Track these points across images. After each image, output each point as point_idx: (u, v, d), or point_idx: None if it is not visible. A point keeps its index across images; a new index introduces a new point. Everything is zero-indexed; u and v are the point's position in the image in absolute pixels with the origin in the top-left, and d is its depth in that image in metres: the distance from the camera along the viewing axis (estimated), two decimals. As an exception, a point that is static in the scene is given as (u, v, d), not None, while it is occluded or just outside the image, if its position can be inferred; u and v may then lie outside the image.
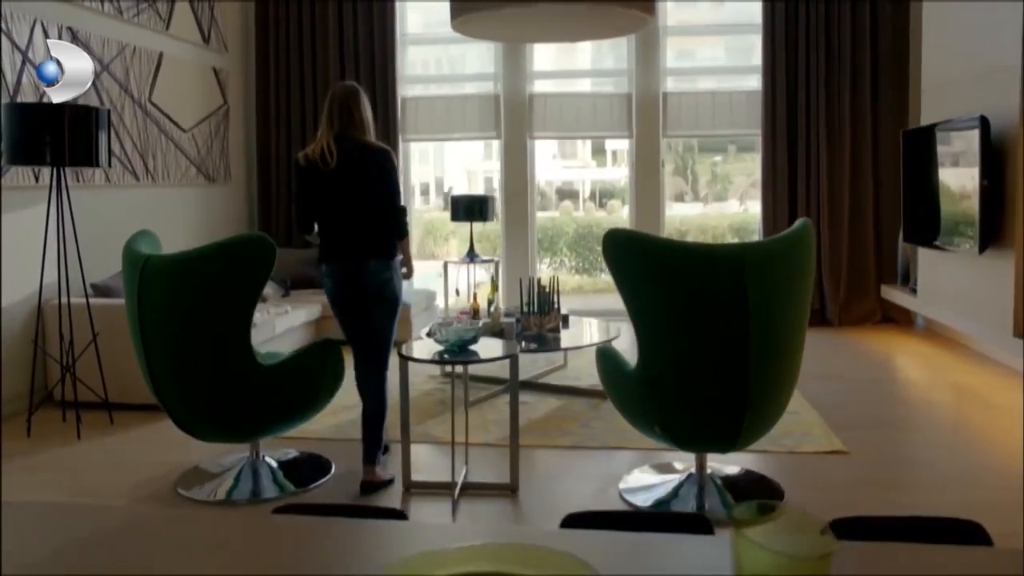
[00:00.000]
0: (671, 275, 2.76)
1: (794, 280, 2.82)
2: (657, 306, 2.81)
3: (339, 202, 3.29)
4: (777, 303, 2.77)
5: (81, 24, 4.98)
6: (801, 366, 3.08)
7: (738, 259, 2.73)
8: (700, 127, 6.99)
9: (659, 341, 2.85)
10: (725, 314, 2.73)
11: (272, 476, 3.44)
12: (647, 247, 2.78)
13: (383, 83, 7.01)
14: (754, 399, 2.84)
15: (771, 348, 2.79)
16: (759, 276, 2.72)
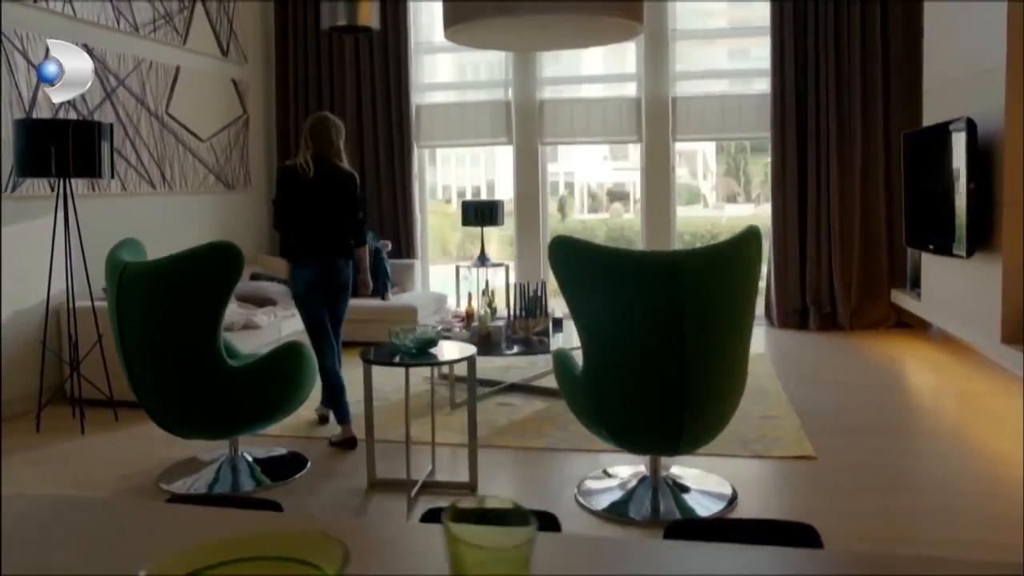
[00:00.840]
0: (609, 281, 2.83)
1: (733, 287, 2.86)
2: (596, 311, 2.88)
3: (313, 209, 3.93)
4: (713, 309, 2.82)
5: (97, 41, 5.25)
6: (747, 371, 3.12)
7: (671, 266, 2.79)
8: (709, 130, 6.99)
9: (599, 345, 2.93)
10: (660, 320, 2.80)
11: (250, 471, 3.62)
12: (586, 253, 2.85)
13: (397, 91, 7.18)
14: (691, 403, 2.89)
15: (707, 353, 2.84)
16: (692, 283, 2.77)
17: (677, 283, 2.76)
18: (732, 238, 2.95)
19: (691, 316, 2.79)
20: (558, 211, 10.32)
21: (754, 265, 2.97)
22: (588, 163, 9.39)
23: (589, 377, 2.99)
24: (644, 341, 2.84)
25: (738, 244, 2.91)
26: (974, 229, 4.34)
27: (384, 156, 7.28)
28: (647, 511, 3.21)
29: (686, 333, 2.80)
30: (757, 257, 2.97)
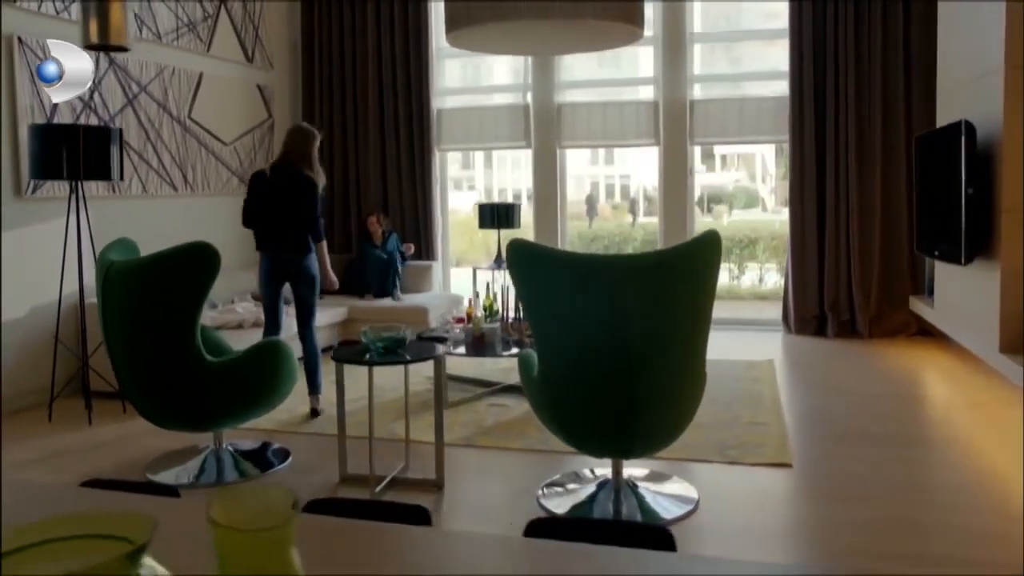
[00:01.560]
0: (558, 284, 2.87)
1: (684, 292, 2.87)
2: (548, 314, 2.92)
3: (270, 208, 4.44)
4: (661, 314, 2.83)
5: (119, 50, 5.48)
6: (703, 377, 3.11)
7: (618, 270, 2.81)
8: (727, 134, 6.93)
9: (552, 348, 2.96)
10: (607, 323, 2.82)
11: (234, 463, 3.75)
12: (538, 257, 2.89)
13: (418, 95, 7.30)
14: (639, 408, 2.90)
15: (654, 358, 2.86)
16: (639, 287, 2.79)
17: (623, 287, 2.78)
18: (686, 243, 2.95)
19: (638, 320, 2.81)
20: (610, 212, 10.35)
21: (710, 270, 2.96)
22: (645, 166, 9.40)
23: (543, 379, 3.03)
24: (592, 344, 2.87)
25: (690, 249, 2.92)
26: (972, 235, 4.23)
27: (405, 159, 7.40)
28: (608, 514, 3.23)
29: (632, 337, 2.82)
30: (714, 262, 2.97)
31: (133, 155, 5.63)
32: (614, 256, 2.84)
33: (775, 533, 3.04)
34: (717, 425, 4.22)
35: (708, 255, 2.94)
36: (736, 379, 5.21)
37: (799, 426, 4.23)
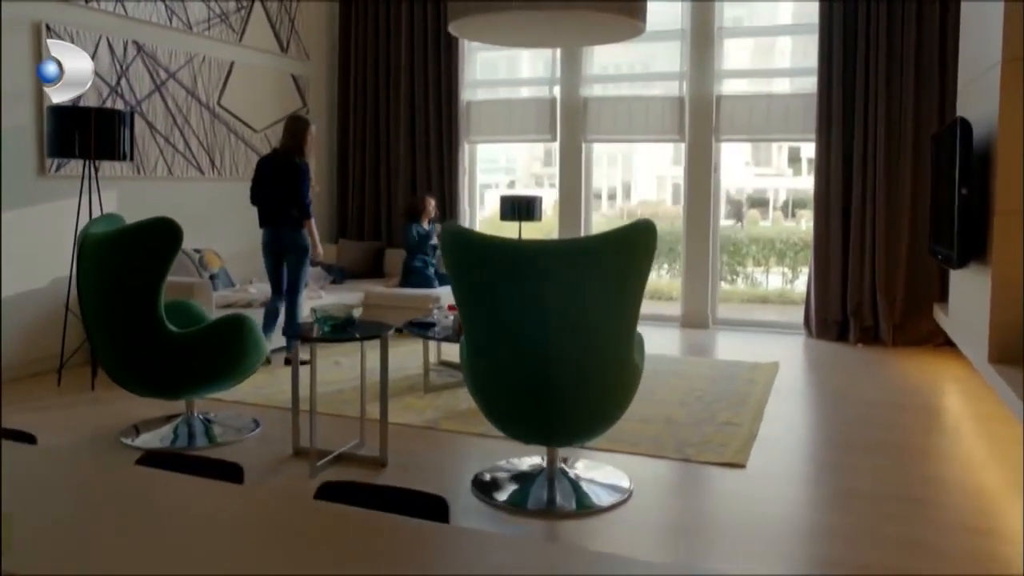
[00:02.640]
0: (481, 269, 2.90)
1: (605, 281, 2.85)
2: (473, 299, 2.95)
3: (267, 189, 5.13)
4: (582, 301, 2.82)
5: (148, 38, 5.76)
6: (635, 368, 3.08)
7: (535, 256, 2.81)
8: (754, 131, 6.77)
9: (477, 334, 2.99)
10: (525, 310, 2.83)
11: (205, 430, 3.92)
12: (465, 242, 2.92)
13: (448, 87, 7.40)
14: (557, 395, 2.91)
15: (572, 346, 2.85)
16: (560, 274, 2.79)
17: (541, 273, 2.79)
18: (612, 231, 2.93)
19: (555, 307, 2.81)
20: None
21: (639, 258, 2.93)
22: (729, 167, 9.55)
23: (470, 365, 3.07)
24: (512, 331, 2.89)
25: (615, 237, 2.90)
26: (966, 238, 4.03)
27: (434, 150, 7.51)
28: (543, 502, 3.23)
29: (550, 324, 2.82)
30: (643, 251, 2.94)
31: (159, 139, 5.90)
32: (534, 241, 2.84)
33: (687, 530, 2.99)
34: (689, 423, 4.16)
35: (635, 245, 2.92)
36: (731, 379, 5.10)
37: (776, 430, 4.12)
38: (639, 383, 3.21)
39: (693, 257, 7.04)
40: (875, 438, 4.02)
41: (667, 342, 6.47)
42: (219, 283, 5.90)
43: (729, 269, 9.69)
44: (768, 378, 5.17)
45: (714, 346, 6.42)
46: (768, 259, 9.90)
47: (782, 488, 3.38)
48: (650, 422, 4.16)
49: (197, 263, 5.82)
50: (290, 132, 5.15)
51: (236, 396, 4.53)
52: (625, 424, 4.08)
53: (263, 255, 5.27)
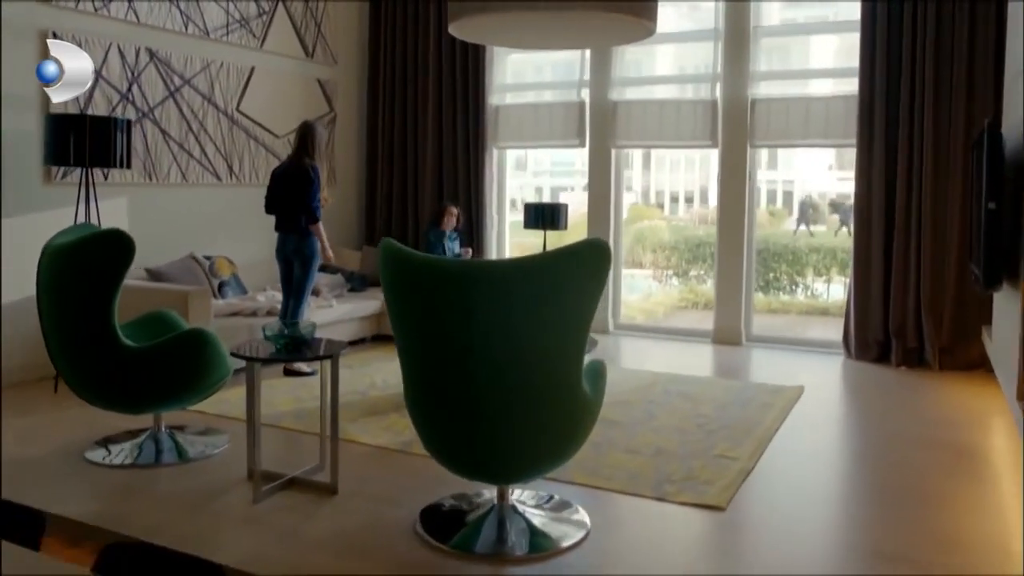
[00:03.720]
0: (411, 289, 2.68)
1: (548, 305, 2.60)
2: (405, 322, 2.74)
3: (278, 195, 5.23)
4: (515, 330, 2.57)
5: (161, 45, 5.75)
6: (582, 401, 2.81)
7: (467, 276, 2.58)
8: (791, 136, 6.34)
9: (410, 361, 2.78)
10: (455, 337, 2.61)
11: (173, 445, 3.82)
12: (397, 258, 2.70)
13: (475, 91, 7.21)
14: (491, 430, 2.66)
15: (506, 377, 2.60)
16: (493, 297, 2.55)
17: (470, 297, 2.56)
18: (553, 252, 2.68)
19: (486, 334, 2.57)
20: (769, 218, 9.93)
21: (586, 281, 2.67)
22: (811, 172, 9.13)
23: (406, 393, 2.85)
24: (442, 358, 2.67)
25: (557, 258, 2.64)
26: (993, 256, 3.59)
27: (461, 157, 7.33)
28: (492, 542, 2.99)
29: (480, 353, 2.59)
30: (590, 273, 2.67)
31: (173, 145, 5.89)
32: (468, 262, 2.61)
33: None
34: (680, 454, 3.84)
35: (581, 266, 2.65)
36: (744, 404, 4.74)
37: (776, 466, 3.77)
38: (594, 414, 2.94)
39: (726, 270, 6.66)
40: (889, 482, 3.62)
41: (690, 361, 6.12)
42: (229, 290, 5.85)
43: (788, 279, 9.28)
44: (787, 404, 4.78)
45: (741, 366, 6.03)
46: (829, 269, 9.42)
47: (760, 538, 3.05)
48: (637, 453, 3.86)
49: (207, 270, 5.78)
50: (298, 137, 5.29)
51: (219, 408, 4.43)
52: (608, 454, 3.81)
53: (277, 262, 5.37)
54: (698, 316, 8.31)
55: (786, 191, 10.06)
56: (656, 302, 9.30)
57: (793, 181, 9.88)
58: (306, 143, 5.18)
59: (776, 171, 10.05)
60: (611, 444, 3.98)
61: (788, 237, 9.38)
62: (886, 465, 3.82)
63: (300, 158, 5.17)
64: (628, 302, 8.85)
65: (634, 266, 9.48)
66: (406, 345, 2.76)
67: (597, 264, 2.69)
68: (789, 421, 4.47)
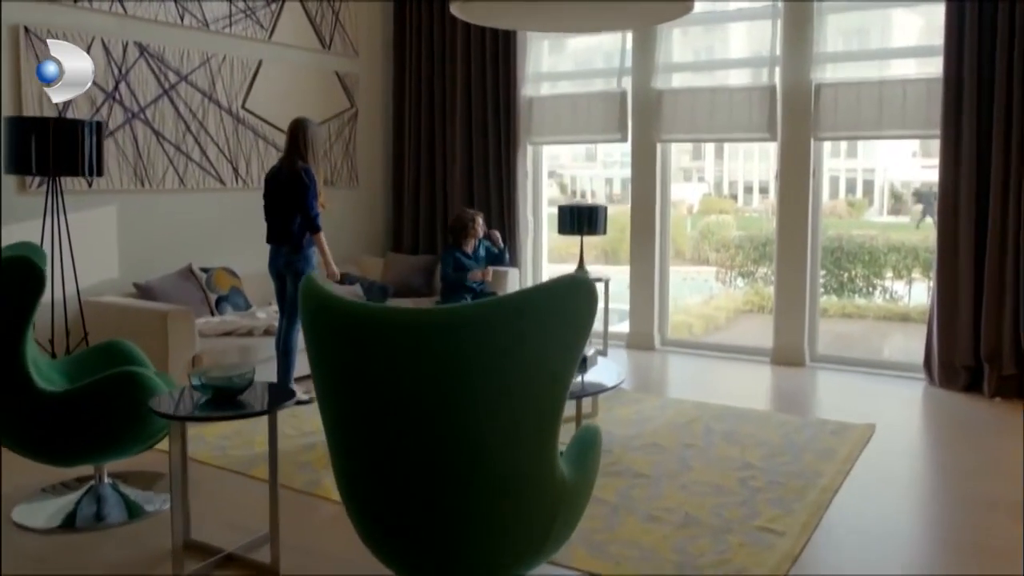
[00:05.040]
0: (339, 341, 2.05)
1: (510, 365, 1.93)
2: (329, 385, 2.11)
3: (270, 203, 4.63)
4: (467, 396, 1.92)
5: (153, 38, 5.26)
6: (560, 486, 2.13)
7: (401, 328, 1.94)
8: (862, 126, 5.47)
9: (338, 432, 2.15)
10: (387, 402, 1.97)
11: (121, 500, 3.30)
12: (322, 302, 2.08)
13: (506, 82, 6.55)
14: (429, 525, 2.02)
15: (455, 458, 1.96)
16: (432, 355, 1.91)
17: (406, 354, 1.92)
18: (518, 294, 2.01)
19: (423, 402, 1.93)
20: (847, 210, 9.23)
21: (560, 331, 2.00)
22: (894, 159, 8.47)
23: (332, 462, 2.23)
24: (370, 428, 2.03)
25: (520, 303, 1.97)
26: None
27: (492, 154, 6.69)
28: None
29: (420, 425, 1.95)
30: (566, 320, 2.00)
31: (168, 147, 5.41)
32: (410, 311, 1.96)
33: None
34: (714, 524, 3.12)
35: (553, 312, 1.98)
36: (802, 449, 3.97)
37: (835, 542, 3.01)
38: (580, 504, 2.27)
39: (786, 279, 5.84)
40: (983, 568, 2.82)
41: (743, 387, 5.35)
42: (228, 306, 5.35)
43: (864, 282, 8.45)
44: (853, 450, 3.98)
45: (801, 394, 5.22)
46: (910, 269, 8.50)
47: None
48: (659, 521, 3.15)
49: (204, 284, 5.29)
50: (289, 136, 4.65)
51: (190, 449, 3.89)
52: (622, 522, 3.13)
53: (270, 276, 4.76)
54: (763, 321, 7.50)
55: (866, 180, 9.31)
56: (717, 306, 8.55)
57: (874, 169, 9.18)
58: (297, 143, 4.55)
59: (856, 159, 9.41)
60: (629, 506, 3.29)
61: (864, 234, 8.53)
62: (974, 545, 3.02)
63: (291, 160, 4.55)
64: (687, 307, 8.12)
65: (700, 263, 8.82)
66: (329, 412, 2.14)
67: (577, 309, 2.02)
68: (855, 475, 3.68)
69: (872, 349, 7.79)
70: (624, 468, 3.70)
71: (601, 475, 3.56)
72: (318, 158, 4.64)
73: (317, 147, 4.62)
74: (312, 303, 2.08)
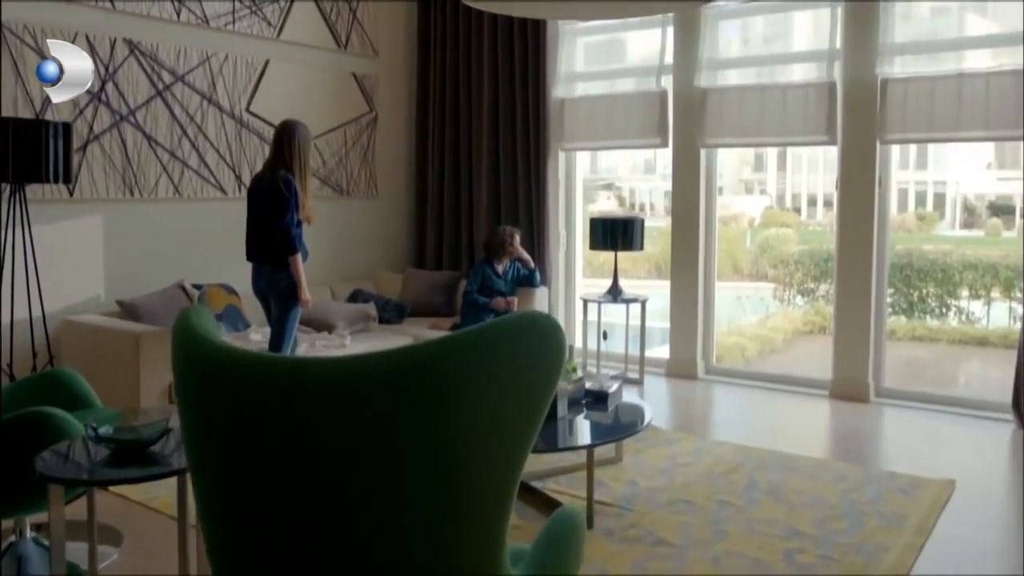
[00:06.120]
0: (215, 401, 1.51)
1: (447, 443, 1.36)
2: (201, 449, 1.56)
3: (250, 216, 4.15)
4: (383, 473, 1.35)
5: (144, 35, 4.86)
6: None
7: (294, 385, 1.39)
8: (935, 127, 4.74)
9: (207, 502, 1.60)
10: (274, 480, 1.42)
11: (44, 554, 2.84)
12: (190, 345, 1.54)
13: (535, 82, 6.00)
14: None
15: (365, 557, 1.39)
16: (339, 421, 1.35)
17: (302, 418, 1.37)
18: (455, 338, 1.43)
19: (324, 482, 1.37)
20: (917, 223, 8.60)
21: (516, 390, 1.42)
22: (967, 170, 8.08)
23: (206, 538, 1.68)
24: (254, 511, 1.48)
25: (457, 351, 1.39)
26: None
27: (522, 160, 6.13)
28: None
29: (312, 510, 1.39)
30: (519, 372, 1.42)
31: (162, 153, 5.00)
32: (309, 362, 1.40)
33: None
34: (747, 616, 2.49)
35: (505, 363, 1.40)
36: (863, 514, 3.28)
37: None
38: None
39: (847, 300, 5.13)
40: None
41: (796, 427, 4.66)
42: (222, 326, 4.89)
43: (937, 302, 7.73)
44: (926, 516, 3.28)
45: (864, 438, 4.50)
46: (989, 288, 7.69)
47: None
48: (679, 610, 2.53)
49: (196, 303, 4.84)
50: (274, 141, 4.16)
51: (143, 493, 3.41)
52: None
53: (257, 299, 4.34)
54: (823, 344, 6.79)
55: (937, 192, 8.73)
56: (774, 326, 7.87)
57: (945, 182, 8.63)
58: (281, 149, 4.04)
59: (925, 171, 8.76)
60: (641, 590, 2.67)
61: (937, 249, 7.79)
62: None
63: (273, 168, 4.05)
64: (740, 328, 7.47)
65: (757, 278, 8.20)
66: (201, 478, 1.59)
67: (536, 357, 1.43)
68: (930, 551, 2.99)
69: (946, 376, 7.04)
70: (644, 532, 3.08)
71: (614, 541, 2.97)
72: (305, 168, 4.08)
73: (305, 155, 4.08)
74: (184, 350, 1.55)
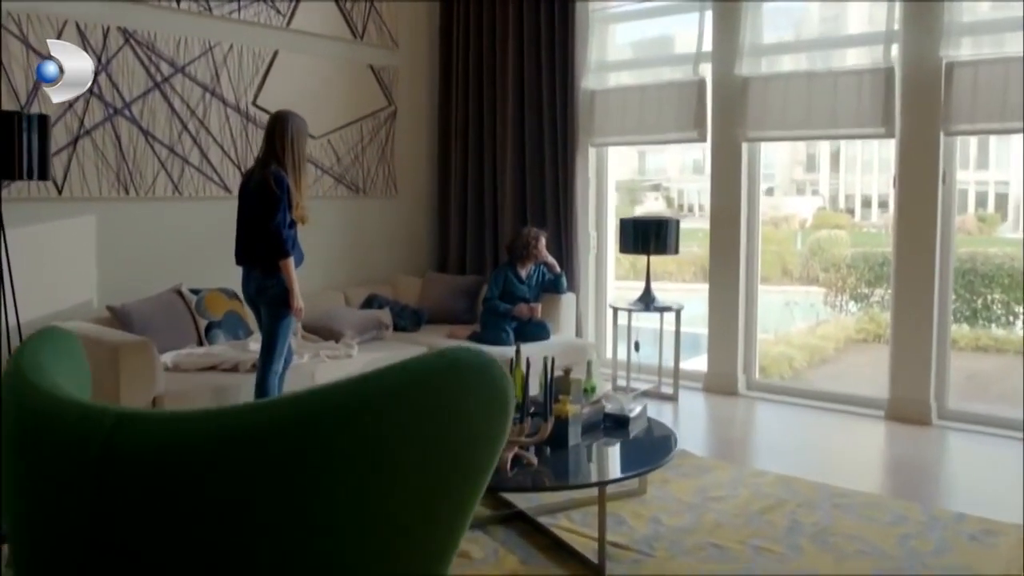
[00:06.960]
0: (40, 468, 1.13)
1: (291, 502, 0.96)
2: (18, 504, 1.19)
3: (239, 216, 3.82)
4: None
5: (141, 24, 4.57)
6: None
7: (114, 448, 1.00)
8: (1007, 116, 4.19)
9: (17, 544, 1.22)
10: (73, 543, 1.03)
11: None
12: (15, 394, 1.16)
13: (563, 73, 5.58)
14: None
15: None
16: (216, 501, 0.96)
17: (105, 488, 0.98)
18: (365, 378, 1.02)
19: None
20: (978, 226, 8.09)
21: (437, 452, 1.01)
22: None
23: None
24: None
25: (370, 400, 0.99)
26: None
27: (549, 157, 5.72)
28: None
29: None
30: (446, 428, 1.01)
31: (160, 149, 4.70)
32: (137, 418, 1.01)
33: None
34: None
35: (432, 417, 0.99)
36: (927, 566, 2.79)
37: None
38: None
39: (906, 308, 4.61)
40: None
41: (847, 455, 4.17)
42: (220, 333, 4.56)
43: (1004, 309, 7.15)
44: (1004, 570, 2.77)
45: (927, 469, 3.98)
46: (1059, 298, 7.09)
47: None
48: None
49: (193, 308, 4.53)
50: (265, 134, 3.81)
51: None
52: None
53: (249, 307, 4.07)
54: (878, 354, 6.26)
55: (999, 193, 8.26)
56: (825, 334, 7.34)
57: (1008, 182, 8.12)
58: (272, 142, 3.68)
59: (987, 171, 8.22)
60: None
61: (1003, 252, 7.20)
62: None
63: (264, 163, 3.69)
64: (788, 336, 6.97)
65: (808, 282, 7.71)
66: (19, 539, 1.21)
67: (460, 406, 1.02)
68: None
69: (1014, 391, 6.47)
70: (664, 582, 2.65)
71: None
72: (300, 163, 3.71)
73: (299, 149, 3.70)
74: (9, 395, 1.17)
